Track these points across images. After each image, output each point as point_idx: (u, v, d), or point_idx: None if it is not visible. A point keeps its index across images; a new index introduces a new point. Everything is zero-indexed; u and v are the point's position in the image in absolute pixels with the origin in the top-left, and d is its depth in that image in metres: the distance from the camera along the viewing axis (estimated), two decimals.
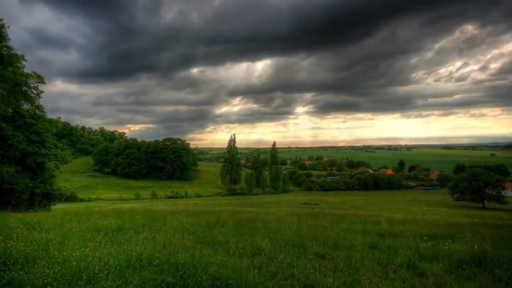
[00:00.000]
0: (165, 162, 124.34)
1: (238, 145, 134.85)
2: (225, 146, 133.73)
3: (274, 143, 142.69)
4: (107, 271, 3.88)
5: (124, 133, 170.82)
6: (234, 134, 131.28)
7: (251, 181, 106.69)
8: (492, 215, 35.18)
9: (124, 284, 3.62)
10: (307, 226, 10.31)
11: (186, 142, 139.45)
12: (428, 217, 23.90)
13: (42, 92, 23.41)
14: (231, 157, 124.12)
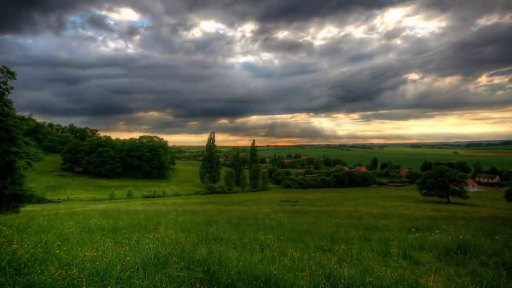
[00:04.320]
0: (141, 160, 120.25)
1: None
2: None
3: (254, 142, 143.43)
4: (131, 270, 3.87)
5: (97, 130, 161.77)
6: (213, 132, 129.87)
7: (231, 180, 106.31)
8: (458, 209, 38.10)
9: (155, 281, 3.64)
10: (299, 222, 10.65)
11: (164, 140, 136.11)
12: (401, 211, 25.42)
13: (12, 88, 21.86)
14: (211, 155, 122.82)
